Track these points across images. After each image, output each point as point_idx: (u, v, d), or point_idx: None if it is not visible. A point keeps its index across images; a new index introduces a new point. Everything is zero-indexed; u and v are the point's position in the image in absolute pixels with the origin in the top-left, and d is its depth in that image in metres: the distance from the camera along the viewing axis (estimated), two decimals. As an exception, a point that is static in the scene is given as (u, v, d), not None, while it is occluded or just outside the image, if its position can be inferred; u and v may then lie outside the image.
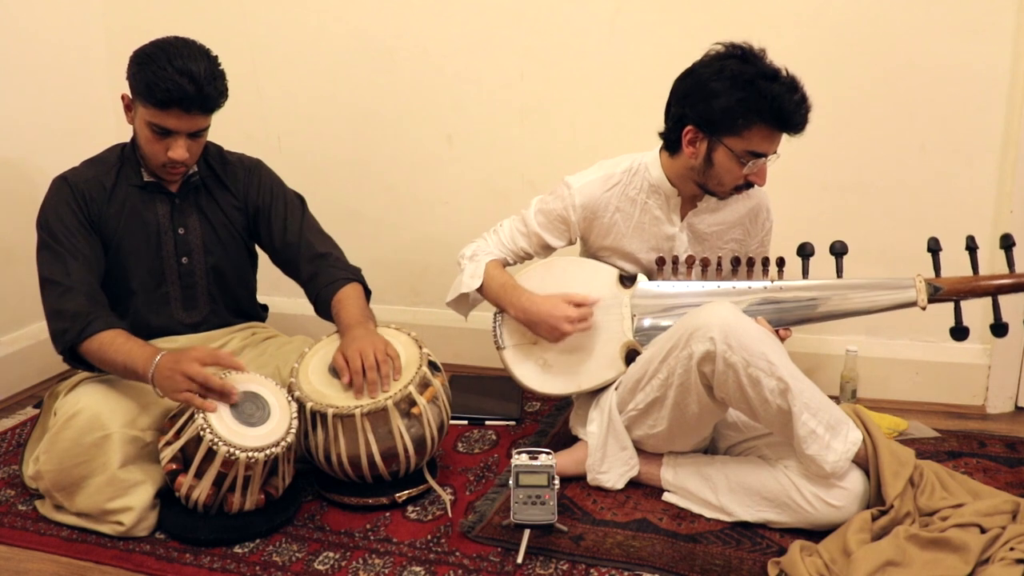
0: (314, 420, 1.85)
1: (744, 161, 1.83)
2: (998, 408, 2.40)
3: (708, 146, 1.85)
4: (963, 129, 2.29)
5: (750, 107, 1.78)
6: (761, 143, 1.82)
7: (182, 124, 1.85)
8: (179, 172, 1.96)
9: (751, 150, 1.82)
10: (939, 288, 1.87)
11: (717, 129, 1.82)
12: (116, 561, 1.75)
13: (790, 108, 1.77)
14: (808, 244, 1.95)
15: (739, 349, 1.72)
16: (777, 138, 1.83)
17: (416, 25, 2.60)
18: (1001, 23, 2.20)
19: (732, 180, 1.88)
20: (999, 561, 1.55)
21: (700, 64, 1.86)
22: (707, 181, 1.91)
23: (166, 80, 1.79)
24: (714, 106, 1.80)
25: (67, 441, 1.77)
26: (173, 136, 1.87)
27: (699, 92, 1.83)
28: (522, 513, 1.74)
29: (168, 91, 1.79)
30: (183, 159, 1.89)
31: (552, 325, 1.97)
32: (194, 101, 1.82)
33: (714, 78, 1.80)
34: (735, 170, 1.85)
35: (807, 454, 1.72)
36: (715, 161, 1.86)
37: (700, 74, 1.84)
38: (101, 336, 1.82)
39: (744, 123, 1.79)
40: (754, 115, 1.78)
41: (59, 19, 2.71)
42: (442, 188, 2.72)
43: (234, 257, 2.12)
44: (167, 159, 1.89)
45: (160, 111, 1.83)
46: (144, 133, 1.89)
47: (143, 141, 1.91)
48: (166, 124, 1.85)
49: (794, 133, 1.81)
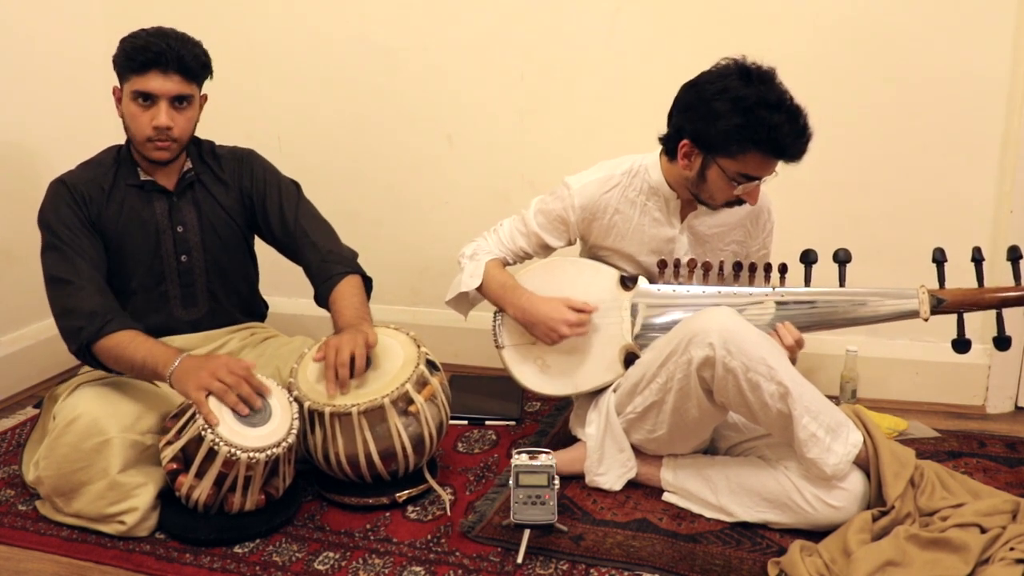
0: (312, 419, 1.85)
1: (737, 182, 1.82)
2: (998, 408, 2.41)
3: (702, 162, 1.84)
4: (963, 130, 2.29)
5: (747, 135, 1.75)
6: (755, 168, 1.80)
7: (163, 85, 1.88)
8: (166, 147, 1.94)
9: (744, 173, 1.81)
10: (942, 300, 1.85)
11: (712, 148, 1.81)
12: (116, 561, 1.75)
13: (787, 140, 1.74)
14: (812, 251, 1.94)
15: (738, 354, 1.71)
16: (773, 164, 1.80)
17: (416, 25, 2.60)
18: (1001, 24, 2.20)
19: (723, 197, 1.88)
20: (999, 561, 1.55)
21: (705, 78, 1.83)
22: (699, 193, 1.91)
23: (142, 41, 1.88)
24: (712, 127, 1.78)
25: (66, 447, 1.77)
26: (156, 104, 1.89)
27: (699, 109, 1.80)
28: (522, 513, 1.74)
29: (145, 49, 1.87)
30: (166, 125, 1.90)
31: (550, 327, 1.97)
32: (170, 59, 1.87)
33: (715, 97, 1.77)
34: (726, 189, 1.84)
35: (808, 457, 1.72)
36: (708, 178, 1.85)
37: (704, 90, 1.80)
38: (119, 335, 1.82)
39: (739, 148, 1.77)
40: (750, 143, 1.76)
41: (59, 19, 2.71)
42: (442, 188, 2.71)
43: (233, 253, 2.12)
44: (151, 130, 1.90)
45: (140, 75, 1.88)
46: (129, 109, 1.92)
47: (129, 119, 1.93)
48: (148, 87, 1.88)
49: (790, 162, 1.79)
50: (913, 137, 2.33)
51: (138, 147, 1.96)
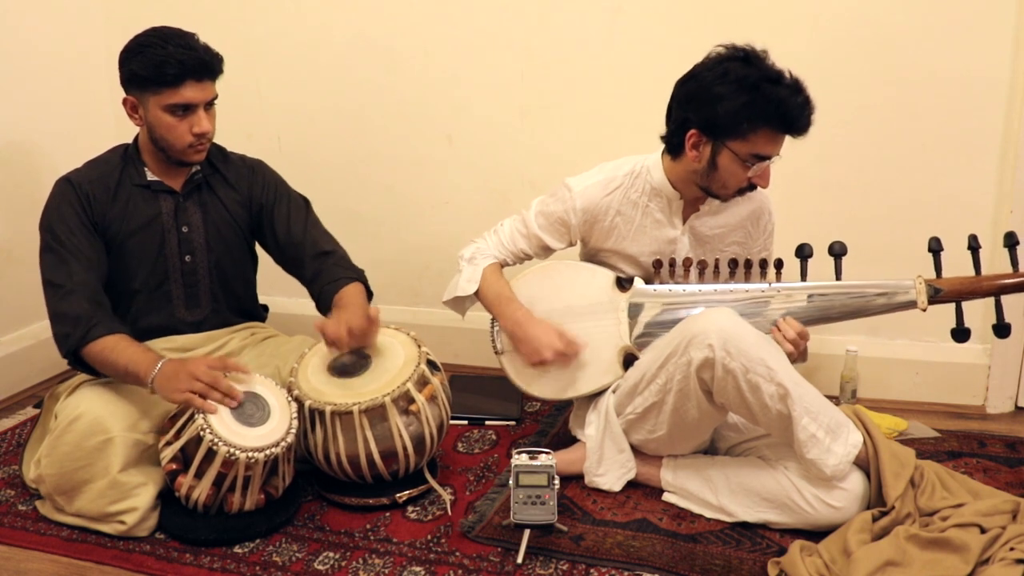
0: (312, 418, 1.85)
1: (749, 164, 1.83)
2: (998, 408, 2.40)
3: (712, 150, 1.85)
4: (963, 129, 2.29)
5: (755, 111, 1.77)
6: (765, 146, 1.81)
7: (198, 94, 1.90)
8: (205, 148, 1.98)
9: (756, 153, 1.81)
10: (940, 290, 1.85)
11: (721, 133, 1.82)
12: (116, 561, 1.75)
13: (795, 111, 1.76)
14: (807, 245, 1.95)
15: (738, 355, 1.71)
16: (781, 140, 1.82)
17: (416, 25, 2.60)
18: (1001, 24, 2.20)
19: (736, 183, 1.88)
20: (999, 561, 1.55)
21: (702, 67, 1.85)
22: (710, 184, 1.90)
23: (171, 56, 1.85)
24: (718, 110, 1.79)
25: (68, 445, 1.77)
26: (193, 112, 1.90)
27: (703, 96, 1.82)
28: (522, 513, 1.74)
29: (180, 63, 1.86)
30: (209, 131, 1.94)
31: (535, 348, 1.98)
32: (203, 67, 1.89)
33: (718, 82, 1.79)
34: (739, 173, 1.85)
35: (808, 458, 1.72)
36: (719, 165, 1.85)
37: (703, 78, 1.82)
38: (104, 340, 1.82)
39: (749, 127, 1.79)
40: (759, 119, 1.77)
41: (59, 19, 2.71)
42: (442, 188, 2.71)
43: (236, 255, 2.13)
44: (193, 137, 1.92)
45: (175, 89, 1.87)
46: (163, 121, 1.90)
47: (164, 130, 1.92)
48: (185, 98, 1.88)
49: (798, 135, 1.81)
50: (913, 137, 2.32)
51: (176, 154, 1.96)
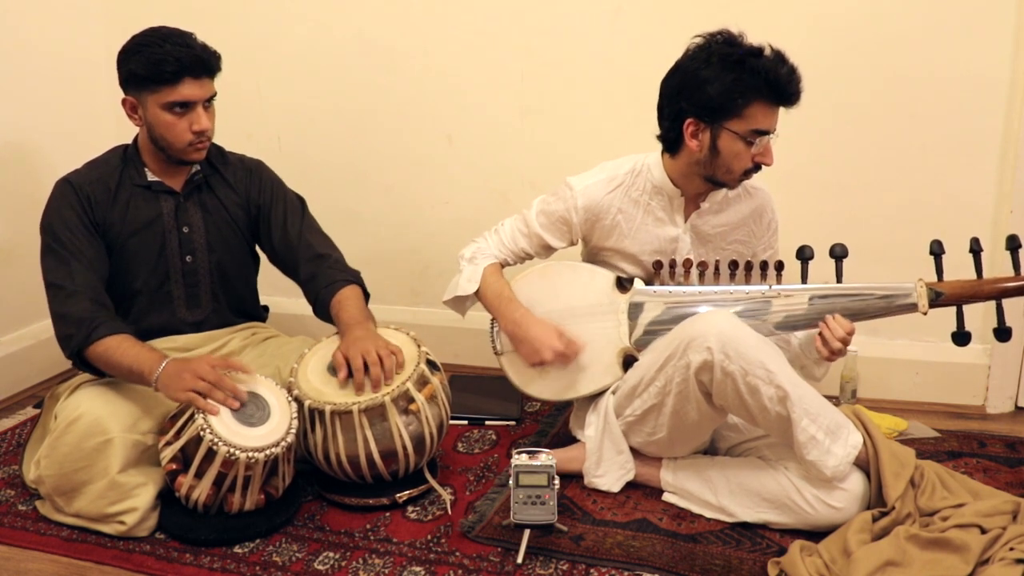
0: (312, 418, 1.85)
1: (750, 141, 1.83)
2: (998, 408, 2.40)
3: (711, 134, 1.85)
4: (963, 129, 2.29)
5: (745, 85, 1.78)
6: (762, 120, 1.82)
7: (197, 91, 1.90)
8: (205, 146, 1.98)
9: (754, 128, 1.82)
10: (940, 293, 1.84)
11: (717, 115, 1.82)
12: (116, 561, 1.75)
13: (783, 79, 1.78)
14: (807, 247, 1.94)
15: (736, 358, 1.71)
16: (775, 112, 1.83)
17: (416, 25, 2.60)
18: (1001, 24, 2.20)
19: (740, 165, 1.87)
20: (999, 561, 1.55)
21: (684, 59, 1.87)
22: (715, 172, 1.89)
23: (169, 54, 1.86)
24: (710, 92, 1.80)
25: (68, 446, 1.77)
26: (192, 109, 1.91)
27: (692, 83, 1.83)
28: (522, 513, 1.74)
29: (178, 60, 1.86)
30: (208, 128, 1.94)
31: (535, 348, 1.98)
32: (200, 64, 1.89)
33: (703, 67, 1.81)
34: (742, 153, 1.84)
35: (808, 459, 1.72)
36: (721, 148, 1.85)
37: (688, 67, 1.85)
38: (107, 341, 1.83)
39: (743, 102, 1.80)
40: (750, 92, 1.79)
41: (59, 19, 2.71)
42: (442, 188, 2.71)
43: (237, 255, 2.13)
44: (193, 135, 1.92)
45: (173, 86, 1.88)
46: (162, 120, 1.91)
47: (164, 129, 1.92)
48: (183, 96, 1.88)
49: (791, 105, 1.82)
50: (913, 137, 2.32)
51: (176, 153, 1.96)
